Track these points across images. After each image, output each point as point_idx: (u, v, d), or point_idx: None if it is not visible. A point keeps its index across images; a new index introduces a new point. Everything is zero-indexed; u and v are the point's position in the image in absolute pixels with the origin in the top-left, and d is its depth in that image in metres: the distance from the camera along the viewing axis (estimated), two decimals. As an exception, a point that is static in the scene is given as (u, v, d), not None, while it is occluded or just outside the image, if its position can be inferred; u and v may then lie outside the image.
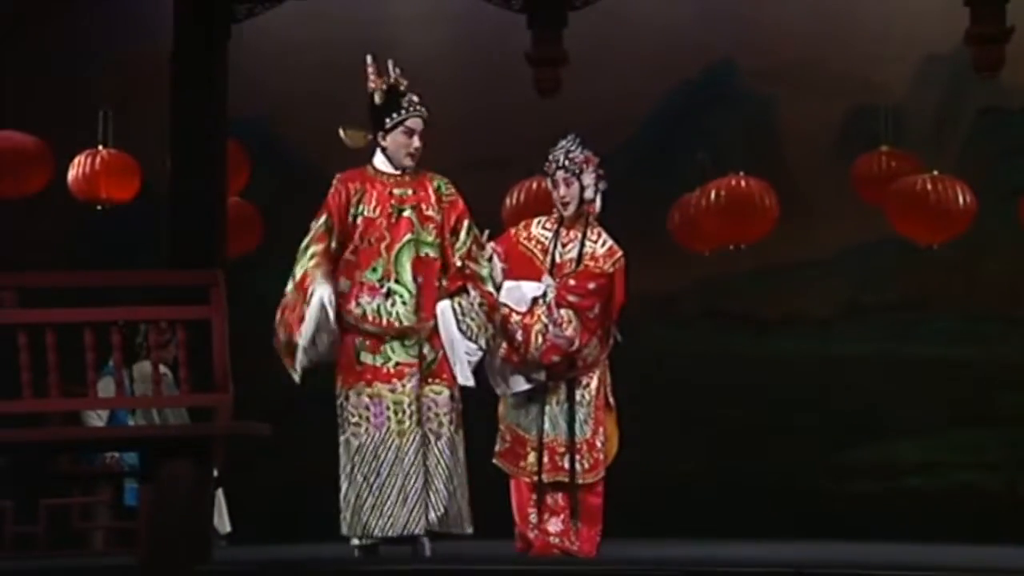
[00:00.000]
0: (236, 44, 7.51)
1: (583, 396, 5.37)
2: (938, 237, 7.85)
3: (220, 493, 6.67)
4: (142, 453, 4.84)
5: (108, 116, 8.10)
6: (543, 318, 5.32)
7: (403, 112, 5.23)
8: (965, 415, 8.77)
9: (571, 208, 5.46)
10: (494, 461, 5.46)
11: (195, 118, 7.27)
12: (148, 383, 6.42)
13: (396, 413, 5.05)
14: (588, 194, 5.44)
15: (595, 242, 5.45)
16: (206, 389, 4.80)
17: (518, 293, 5.39)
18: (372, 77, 5.27)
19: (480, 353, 5.17)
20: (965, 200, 7.66)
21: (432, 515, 5.04)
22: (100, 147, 8.13)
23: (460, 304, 5.14)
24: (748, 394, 8.78)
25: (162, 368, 5.57)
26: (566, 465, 5.32)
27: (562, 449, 5.34)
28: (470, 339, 5.12)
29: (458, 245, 5.21)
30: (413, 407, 5.05)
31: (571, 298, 5.35)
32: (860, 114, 8.88)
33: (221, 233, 7.29)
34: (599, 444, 5.36)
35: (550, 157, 5.55)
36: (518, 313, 5.36)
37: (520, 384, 5.41)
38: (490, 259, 5.30)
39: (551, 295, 5.35)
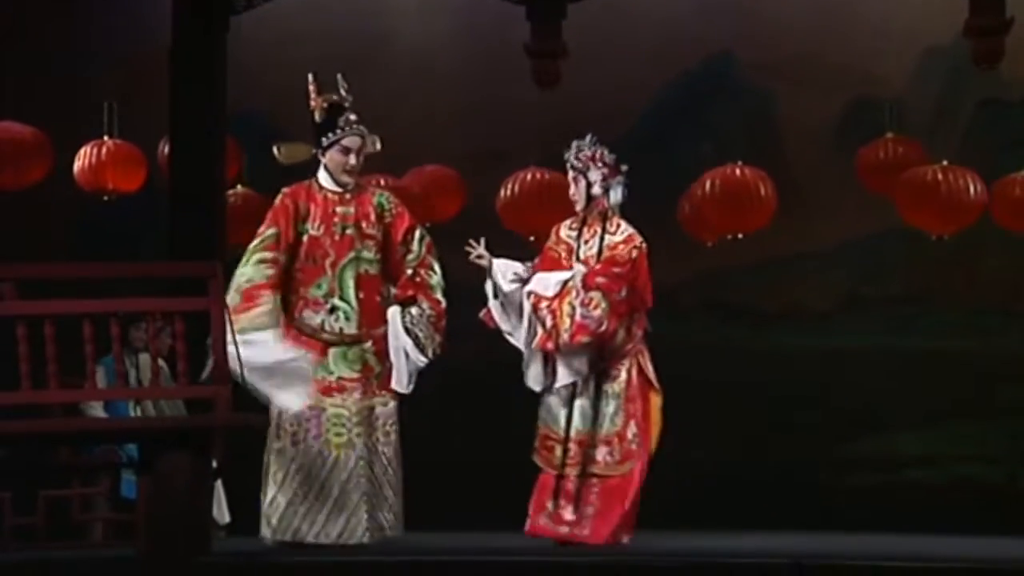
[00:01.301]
0: (235, 36, 7.49)
1: (611, 388, 5.45)
2: (949, 228, 7.80)
3: (219, 484, 6.67)
4: (140, 445, 4.84)
5: (113, 108, 8.08)
6: (572, 300, 5.41)
7: (339, 131, 5.31)
8: (966, 408, 8.76)
9: (580, 205, 5.61)
10: (532, 457, 5.56)
11: (194, 111, 7.25)
12: (146, 375, 6.42)
13: (335, 425, 5.16)
14: (595, 190, 5.58)
15: (613, 233, 5.57)
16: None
17: (546, 281, 5.51)
18: (312, 95, 5.35)
19: (425, 362, 5.30)
20: (976, 190, 7.62)
21: (383, 521, 5.18)
22: (106, 138, 8.11)
23: (409, 313, 5.27)
24: (748, 387, 8.76)
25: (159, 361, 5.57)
26: (597, 457, 5.40)
27: (591, 442, 5.41)
28: (419, 349, 5.23)
29: (410, 256, 5.34)
30: (355, 420, 5.16)
31: (599, 279, 5.46)
32: (860, 107, 8.87)
33: (221, 225, 7.27)
34: (630, 436, 5.44)
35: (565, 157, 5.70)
36: (547, 299, 5.47)
37: (564, 377, 5.47)
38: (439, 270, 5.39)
39: (579, 278, 5.45)
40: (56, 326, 4.62)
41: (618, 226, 5.59)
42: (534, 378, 5.56)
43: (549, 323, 5.43)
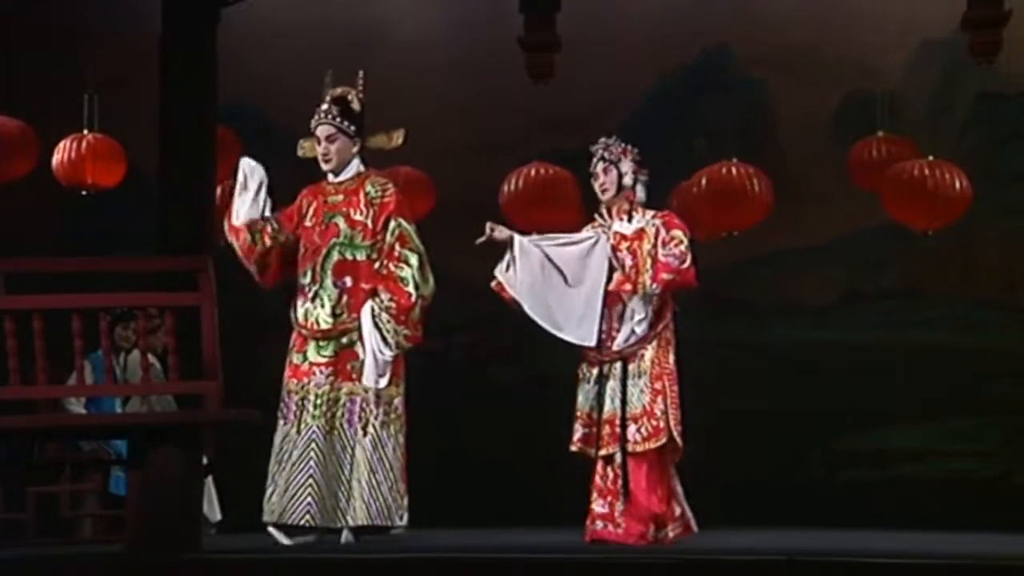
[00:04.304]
0: (225, 27, 7.43)
1: (637, 368, 5.49)
2: (935, 223, 7.80)
3: (210, 481, 6.63)
4: (130, 440, 4.81)
5: (94, 100, 7.99)
6: (652, 239, 5.53)
7: (313, 121, 5.53)
8: (961, 403, 8.73)
9: (609, 194, 5.66)
10: (572, 449, 5.56)
11: (184, 103, 7.19)
12: (133, 374, 6.37)
13: (301, 409, 5.31)
14: (627, 180, 5.66)
15: (641, 217, 5.66)
16: (195, 376, 4.77)
17: (623, 224, 5.61)
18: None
19: (390, 354, 5.30)
20: (961, 185, 7.61)
21: (355, 509, 5.24)
22: (85, 131, 8.01)
23: (372, 307, 5.34)
24: (743, 381, 8.73)
25: (150, 357, 5.53)
26: (628, 436, 5.43)
27: (619, 421, 5.44)
28: (383, 342, 5.30)
29: (384, 246, 5.41)
30: (317, 402, 5.29)
31: (678, 221, 5.61)
32: (856, 100, 8.83)
33: (210, 219, 7.20)
34: (659, 412, 5.46)
35: (591, 151, 5.73)
36: (627, 239, 5.55)
37: (621, 340, 5.45)
38: (419, 260, 5.41)
39: (659, 221, 5.59)
40: (44, 321, 4.58)
41: (644, 212, 5.68)
42: (585, 335, 5.52)
43: (629, 264, 5.52)
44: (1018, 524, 6.90)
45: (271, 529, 5.32)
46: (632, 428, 5.44)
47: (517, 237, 5.58)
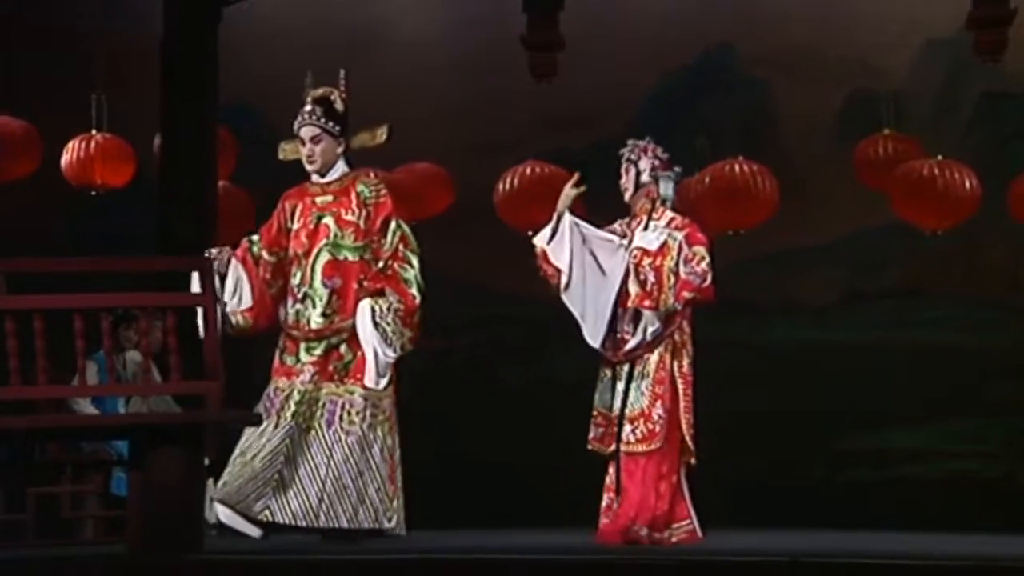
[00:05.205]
0: (226, 27, 7.42)
1: (643, 369, 5.50)
2: (944, 223, 7.77)
3: (211, 482, 6.61)
4: (131, 441, 4.80)
5: (102, 100, 8.00)
6: (675, 255, 5.52)
7: (296, 123, 5.51)
8: (963, 403, 8.71)
9: (628, 193, 5.69)
10: (589, 447, 5.58)
11: (184, 104, 7.18)
12: (137, 373, 6.36)
13: (284, 406, 5.30)
14: (644, 178, 5.67)
15: (658, 219, 5.62)
16: (196, 376, 4.76)
17: (648, 237, 5.58)
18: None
19: (393, 356, 5.29)
20: (970, 185, 7.59)
21: (340, 511, 5.23)
22: (94, 131, 8.02)
23: (377, 307, 5.32)
24: (744, 381, 8.71)
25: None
26: (623, 435, 5.45)
27: (620, 420, 5.47)
28: (386, 343, 5.27)
29: (384, 248, 5.39)
30: (299, 399, 5.27)
31: (699, 235, 5.59)
32: (859, 99, 8.81)
33: (210, 220, 7.20)
34: (656, 416, 5.46)
35: (619, 154, 5.76)
36: (649, 255, 5.52)
37: (632, 343, 5.45)
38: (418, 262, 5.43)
39: (681, 236, 5.55)
40: (45, 321, 4.57)
41: (663, 213, 5.65)
42: (594, 334, 5.53)
43: (652, 281, 5.51)
44: (1021, 525, 6.88)
45: (218, 505, 5.26)
46: (628, 428, 5.46)
47: (568, 214, 5.54)
